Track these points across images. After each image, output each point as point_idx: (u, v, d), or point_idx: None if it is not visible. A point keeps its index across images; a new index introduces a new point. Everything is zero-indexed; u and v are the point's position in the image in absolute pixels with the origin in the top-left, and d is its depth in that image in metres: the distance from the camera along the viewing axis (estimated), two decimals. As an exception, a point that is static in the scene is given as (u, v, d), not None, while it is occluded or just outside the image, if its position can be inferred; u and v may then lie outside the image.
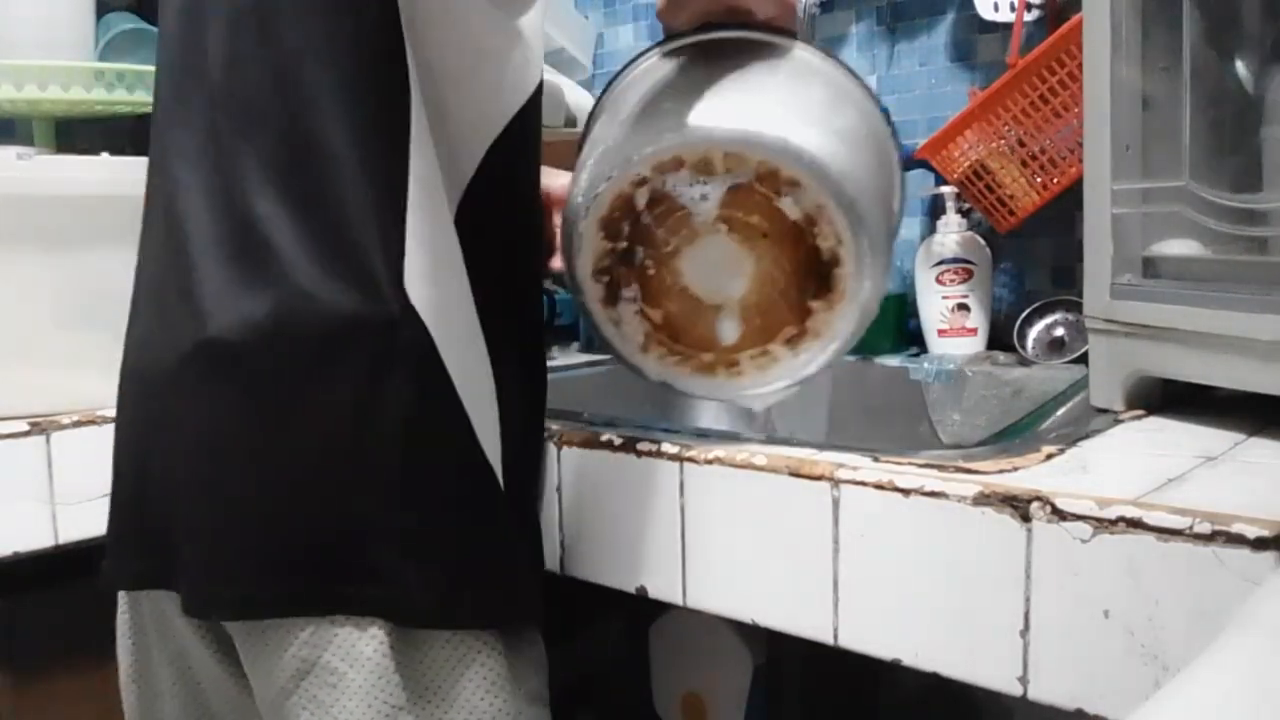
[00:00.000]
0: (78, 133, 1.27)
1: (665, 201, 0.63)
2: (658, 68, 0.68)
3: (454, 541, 0.64)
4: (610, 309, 0.66)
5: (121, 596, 0.77)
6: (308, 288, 0.63)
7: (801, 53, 0.67)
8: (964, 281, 1.19)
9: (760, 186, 0.61)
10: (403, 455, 0.63)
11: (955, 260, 1.19)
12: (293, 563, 0.63)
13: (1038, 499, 0.55)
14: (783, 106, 0.62)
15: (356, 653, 0.63)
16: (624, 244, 0.64)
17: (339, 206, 0.63)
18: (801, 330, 0.65)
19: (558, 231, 0.75)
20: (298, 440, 0.63)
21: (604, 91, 0.72)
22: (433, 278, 0.64)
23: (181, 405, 0.66)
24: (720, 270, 0.64)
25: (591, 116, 0.72)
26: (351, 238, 0.63)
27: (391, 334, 0.63)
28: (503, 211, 0.71)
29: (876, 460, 0.64)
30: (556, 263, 0.75)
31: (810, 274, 0.63)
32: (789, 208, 0.61)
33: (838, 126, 0.63)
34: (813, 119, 0.62)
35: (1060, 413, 0.81)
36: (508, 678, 0.66)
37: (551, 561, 0.79)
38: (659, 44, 0.68)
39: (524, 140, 0.72)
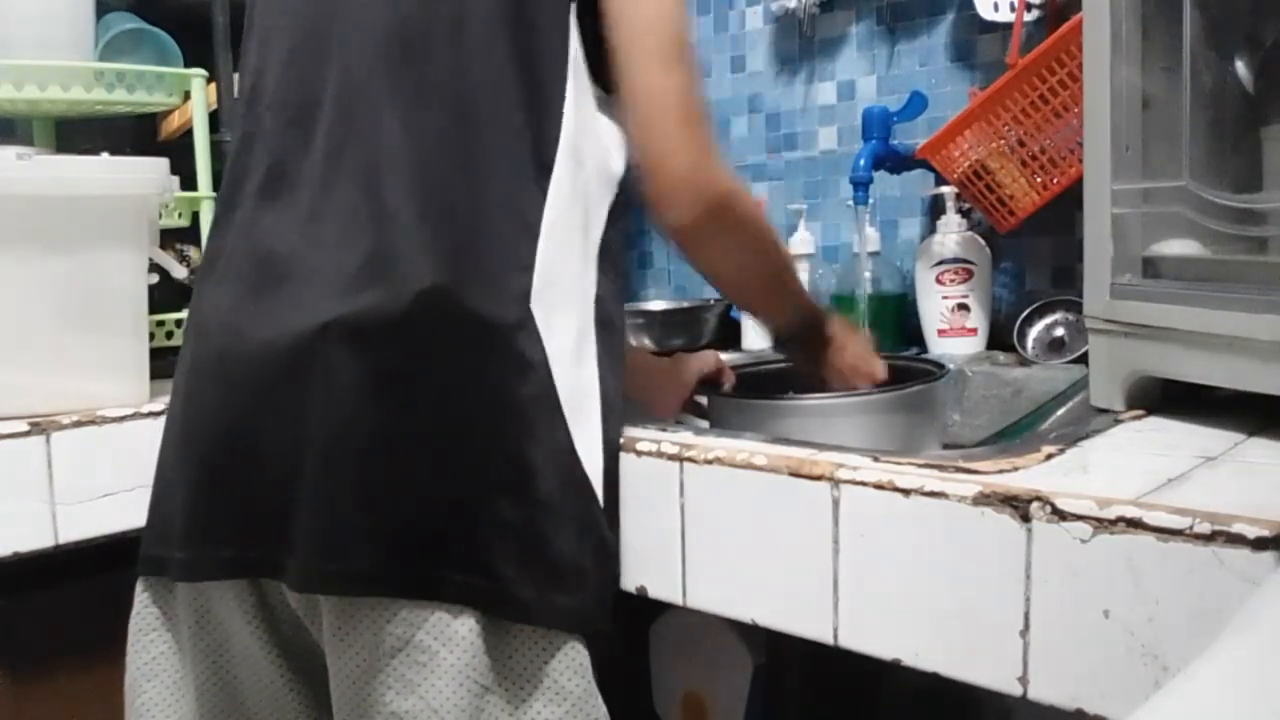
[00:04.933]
0: (78, 133, 1.27)
1: None
2: None
3: (555, 546, 0.67)
4: None
5: (143, 592, 0.77)
6: (445, 285, 0.67)
7: None
8: (964, 281, 1.19)
9: None
10: (514, 458, 0.66)
11: (955, 260, 1.19)
12: (405, 545, 0.65)
13: (1038, 499, 0.55)
14: None
15: (450, 633, 0.65)
16: None
17: (483, 217, 0.69)
18: None
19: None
20: (422, 427, 0.66)
21: None
22: (557, 300, 0.70)
23: (307, 379, 0.67)
24: None
25: None
26: (489, 249, 0.68)
27: (514, 345, 0.67)
28: (622, 245, 0.78)
29: (876, 460, 0.64)
30: None
31: None
32: None
33: None
34: None
35: (1060, 413, 0.81)
36: (589, 662, 0.68)
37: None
38: None
39: (631, 188, 0.79)
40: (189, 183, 1.12)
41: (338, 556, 0.65)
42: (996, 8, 1.17)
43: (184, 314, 1.10)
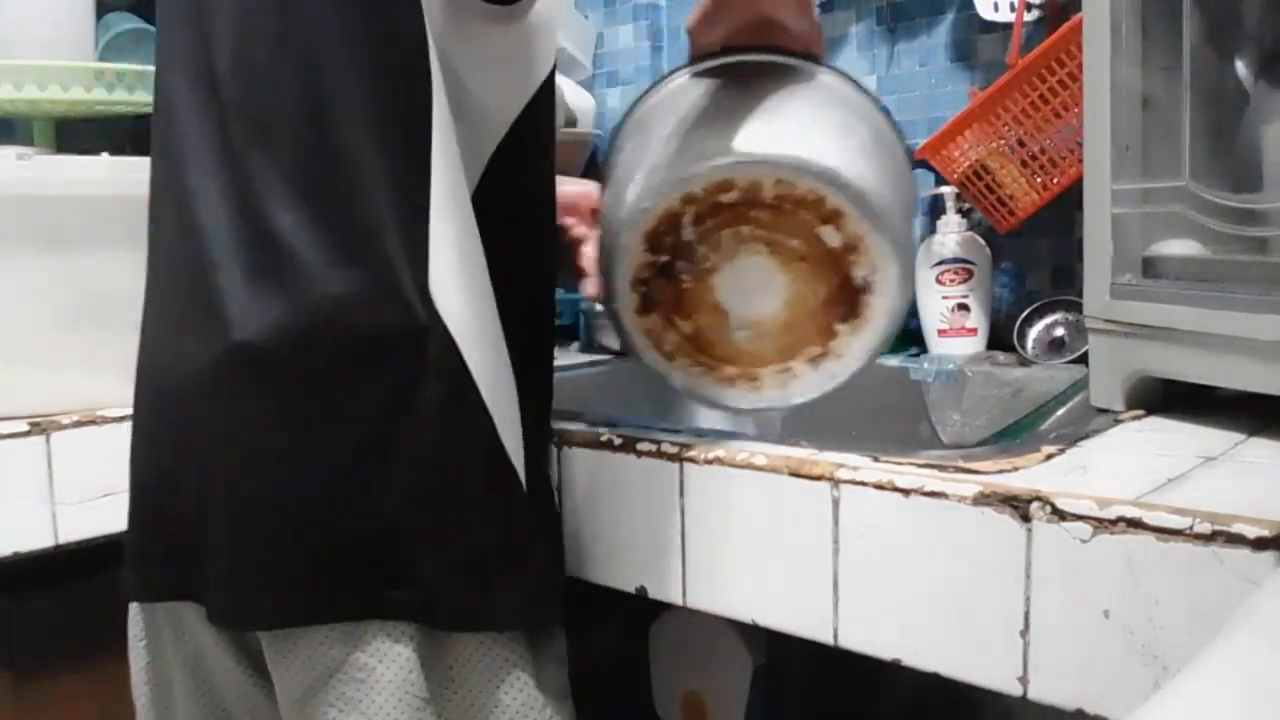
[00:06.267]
0: (78, 133, 1.27)
1: (710, 219, 0.64)
2: (690, 88, 0.68)
3: (484, 544, 0.65)
4: (643, 318, 0.67)
5: (131, 600, 0.77)
6: (337, 297, 0.63)
7: (829, 79, 0.69)
8: (964, 281, 1.19)
9: (805, 213, 0.63)
10: (433, 461, 0.64)
11: (955, 260, 1.19)
12: (325, 570, 0.64)
13: (1038, 499, 0.55)
14: (832, 140, 0.63)
15: (387, 649, 0.63)
16: (665, 258, 0.65)
17: (364, 216, 0.64)
18: (825, 350, 0.68)
19: (576, 240, 0.77)
20: (330, 447, 0.63)
21: (631, 108, 0.72)
22: (457, 284, 0.65)
23: (210, 413, 0.65)
24: (756, 289, 0.66)
25: (620, 132, 0.73)
26: (378, 248, 0.63)
27: (421, 344, 0.63)
28: (516, 209, 0.71)
29: (876, 460, 0.64)
30: (591, 282, 0.76)
31: (840, 299, 0.66)
32: (829, 236, 0.63)
33: (879, 161, 0.65)
34: (857, 154, 0.64)
35: (1060, 413, 0.81)
36: (532, 672, 0.67)
37: (551, 561, 0.79)
38: (687, 65, 0.70)
39: (534, 137, 0.72)
40: (189, 183, 1.11)
41: (257, 591, 0.64)
42: (996, 8, 1.17)
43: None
